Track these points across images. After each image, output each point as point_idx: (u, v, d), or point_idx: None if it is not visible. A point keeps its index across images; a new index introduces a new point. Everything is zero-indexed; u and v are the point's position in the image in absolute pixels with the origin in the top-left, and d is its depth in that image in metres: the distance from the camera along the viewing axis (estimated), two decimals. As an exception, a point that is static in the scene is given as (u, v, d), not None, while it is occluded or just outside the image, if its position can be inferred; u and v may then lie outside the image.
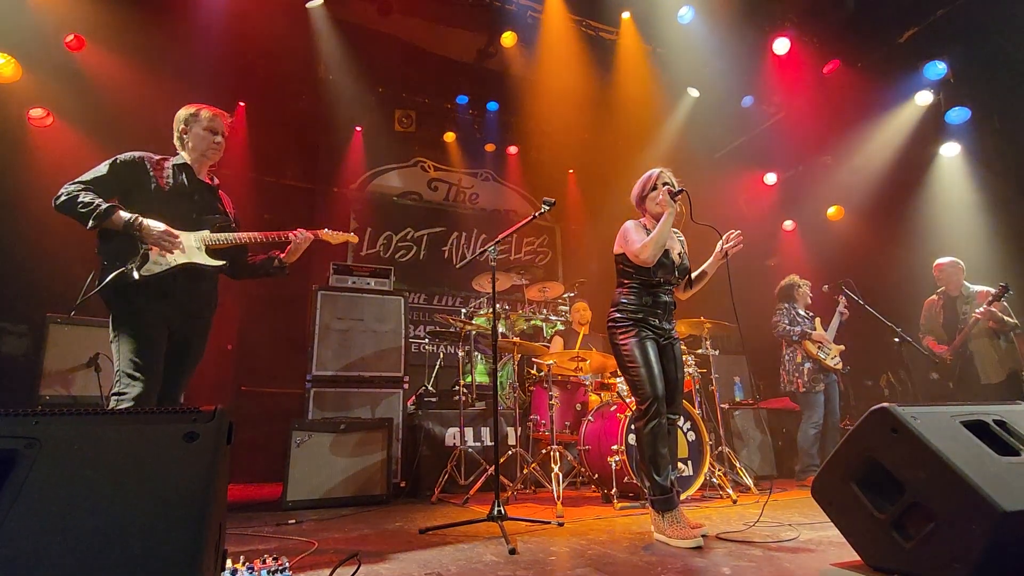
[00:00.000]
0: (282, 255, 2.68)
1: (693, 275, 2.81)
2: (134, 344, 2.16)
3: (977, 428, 1.68)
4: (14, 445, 0.86)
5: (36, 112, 4.89)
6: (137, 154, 2.38)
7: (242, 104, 6.29)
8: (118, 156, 2.35)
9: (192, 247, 2.37)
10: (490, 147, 7.82)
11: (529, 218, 3.08)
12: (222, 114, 2.56)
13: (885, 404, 1.69)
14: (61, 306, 3.81)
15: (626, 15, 6.15)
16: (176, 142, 2.53)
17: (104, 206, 2.17)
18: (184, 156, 2.50)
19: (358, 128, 7.07)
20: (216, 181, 2.62)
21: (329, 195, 6.97)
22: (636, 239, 2.60)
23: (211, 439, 0.93)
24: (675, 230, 2.82)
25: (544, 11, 6.04)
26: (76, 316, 3.66)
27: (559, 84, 6.62)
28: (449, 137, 7.54)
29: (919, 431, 1.59)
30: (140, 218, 2.22)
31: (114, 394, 2.13)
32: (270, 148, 6.47)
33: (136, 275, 2.19)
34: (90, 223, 2.15)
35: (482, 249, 3.12)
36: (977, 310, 4.16)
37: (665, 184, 2.68)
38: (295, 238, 2.62)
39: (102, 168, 2.29)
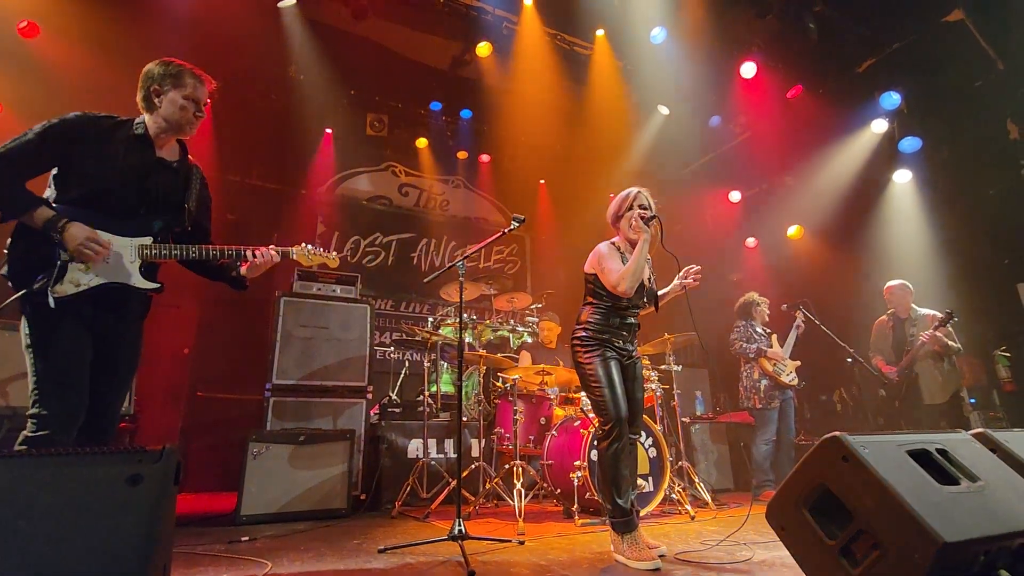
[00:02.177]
0: (242, 267, 2.25)
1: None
2: (47, 361, 1.80)
3: (921, 457, 1.76)
4: (-61, 493, 0.80)
5: (-17, 100, 4.64)
6: (84, 115, 1.94)
7: (207, 100, 6.11)
8: (60, 117, 1.90)
9: (124, 261, 1.95)
10: (462, 154, 7.81)
11: (498, 234, 3.07)
12: (208, 79, 2.11)
13: (837, 433, 1.75)
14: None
15: (600, 32, 6.25)
16: (140, 101, 2.04)
17: (27, 196, 1.79)
18: (146, 123, 2.03)
19: (328, 130, 6.96)
20: (185, 153, 2.16)
21: (296, 197, 6.82)
22: (613, 268, 2.58)
23: (156, 482, 0.88)
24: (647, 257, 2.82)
25: (520, 23, 6.08)
26: (12, 320, 3.43)
27: (533, 95, 6.67)
28: (421, 143, 7.50)
29: (868, 461, 1.65)
30: (65, 220, 1.82)
31: (29, 416, 1.77)
32: (235, 145, 6.27)
33: (50, 299, 1.80)
34: (3, 215, 1.79)
35: (451, 263, 3.10)
36: (923, 333, 4.35)
37: (642, 207, 2.64)
38: (258, 258, 2.16)
39: (29, 135, 1.84)
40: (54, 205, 1.89)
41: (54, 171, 1.94)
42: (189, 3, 5.08)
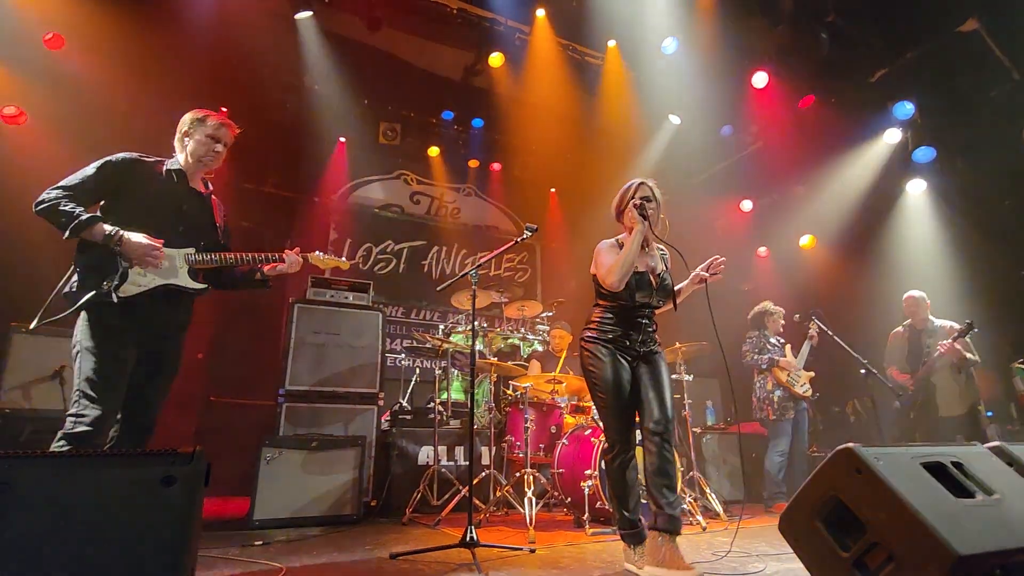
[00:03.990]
0: (265, 267, 2.53)
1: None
2: (97, 363, 2.04)
3: (935, 469, 1.75)
4: (-12, 490, 0.84)
5: (9, 110, 4.76)
6: (130, 156, 2.29)
7: (224, 109, 6.19)
8: (110, 158, 2.24)
9: (175, 265, 2.27)
10: (474, 163, 7.86)
11: (512, 243, 3.10)
12: (230, 124, 2.49)
13: (850, 444, 1.74)
14: (26, 312, 3.68)
15: (612, 43, 6.30)
16: (176, 143, 2.44)
17: (84, 216, 2.06)
18: (180, 160, 2.41)
19: (342, 139, 7.04)
20: (210, 188, 2.53)
21: (310, 204, 6.90)
22: (604, 262, 2.50)
23: (188, 483, 0.92)
24: (661, 249, 2.70)
25: (532, 33, 6.15)
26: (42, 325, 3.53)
27: (544, 104, 6.72)
28: (433, 151, 7.57)
29: (881, 472, 1.64)
30: (121, 232, 2.11)
31: (70, 415, 2.00)
32: (251, 155, 6.35)
33: (114, 297, 2.08)
34: (67, 234, 2.06)
35: (463, 271, 3.13)
36: (942, 343, 4.30)
37: (645, 198, 2.53)
38: (284, 262, 2.50)
39: (89, 171, 2.18)
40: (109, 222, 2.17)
41: (103, 202, 2.24)
42: (209, 16, 5.20)
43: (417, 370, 5.79)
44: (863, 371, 4.35)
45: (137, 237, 2.14)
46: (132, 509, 0.88)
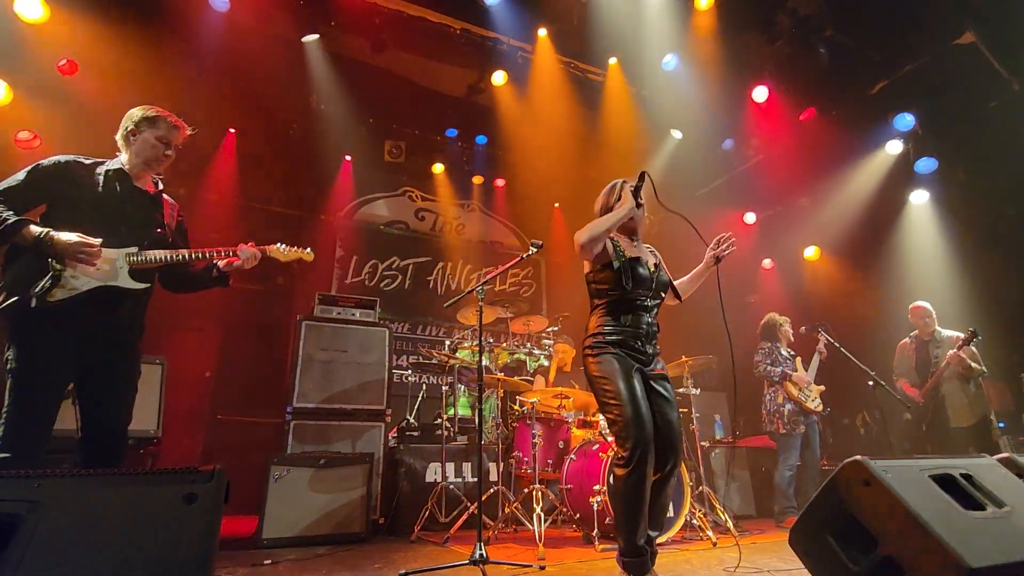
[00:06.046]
0: (221, 263, 2.43)
1: (678, 282, 2.62)
2: (20, 388, 1.93)
3: (945, 482, 1.75)
4: (17, 509, 0.86)
5: (23, 135, 4.87)
6: (63, 158, 2.18)
7: (232, 130, 6.33)
8: (41, 162, 2.14)
9: (115, 267, 2.14)
10: (478, 179, 7.95)
11: (517, 259, 3.13)
12: (182, 127, 2.39)
13: (858, 457, 1.74)
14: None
15: (613, 60, 6.39)
16: (119, 140, 2.32)
17: (11, 220, 1.96)
18: (123, 159, 2.30)
19: (347, 157, 7.14)
20: (160, 187, 2.41)
21: (316, 222, 6.98)
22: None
23: (210, 500, 0.94)
24: (648, 246, 2.63)
25: (535, 52, 6.24)
26: None
27: (547, 121, 6.80)
28: (437, 168, 7.65)
29: (890, 485, 1.64)
30: (51, 232, 2.00)
31: None
32: (259, 174, 6.49)
33: (33, 302, 1.94)
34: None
35: (469, 287, 3.16)
36: (948, 353, 4.29)
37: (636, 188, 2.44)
38: (239, 255, 2.39)
39: (19, 175, 2.08)
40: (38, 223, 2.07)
41: (43, 210, 2.14)
42: (218, 40, 5.32)
43: (424, 386, 5.80)
44: (871, 383, 4.34)
45: (67, 235, 2.02)
46: (155, 526, 0.90)
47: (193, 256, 2.31)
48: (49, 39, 4.85)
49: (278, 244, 2.53)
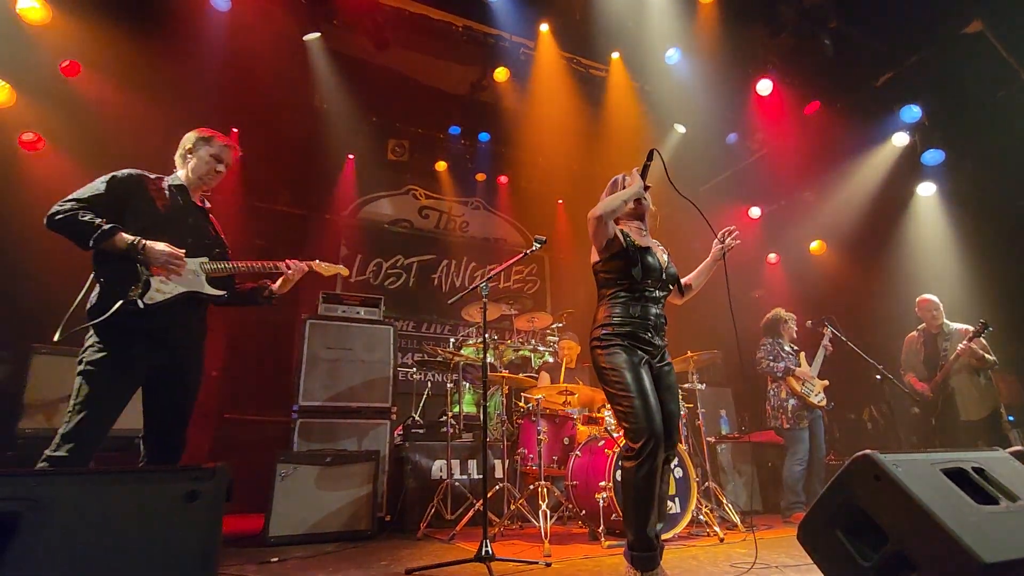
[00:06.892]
0: (273, 285, 2.61)
1: (686, 280, 2.63)
2: (96, 388, 2.03)
3: (957, 476, 1.72)
4: (17, 508, 0.86)
5: (27, 136, 4.88)
6: (135, 171, 2.32)
7: (236, 130, 6.33)
8: (115, 173, 2.27)
9: (194, 275, 2.30)
10: (481, 176, 7.93)
11: (521, 255, 3.12)
12: (234, 147, 2.56)
13: (868, 451, 1.72)
14: (44, 331, 3.73)
15: (616, 55, 6.35)
16: (177, 159, 2.49)
17: (107, 226, 2.07)
18: (180, 176, 2.46)
19: (351, 156, 7.14)
20: (207, 205, 2.57)
21: (320, 221, 6.98)
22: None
23: (211, 498, 0.94)
24: (657, 241, 2.64)
25: (537, 48, 6.21)
26: (62, 345, 3.58)
27: (550, 117, 6.77)
28: (441, 166, 7.64)
29: (901, 479, 1.62)
30: (143, 240, 2.14)
31: (61, 433, 1.99)
32: (263, 174, 6.49)
33: (141, 304, 2.08)
34: (90, 243, 2.06)
35: (473, 284, 3.15)
36: (959, 345, 4.24)
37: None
38: (289, 269, 2.56)
39: (99, 185, 2.20)
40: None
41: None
42: (221, 40, 5.32)
43: (429, 384, 5.80)
44: (878, 377, 4.30)
45: (160, 245, 2.17)
46: (157, 524, 0.89)
47: (252, 267, 2.49)
48: (51, 40, 4.86)
49: (318, 260, 2.71)
